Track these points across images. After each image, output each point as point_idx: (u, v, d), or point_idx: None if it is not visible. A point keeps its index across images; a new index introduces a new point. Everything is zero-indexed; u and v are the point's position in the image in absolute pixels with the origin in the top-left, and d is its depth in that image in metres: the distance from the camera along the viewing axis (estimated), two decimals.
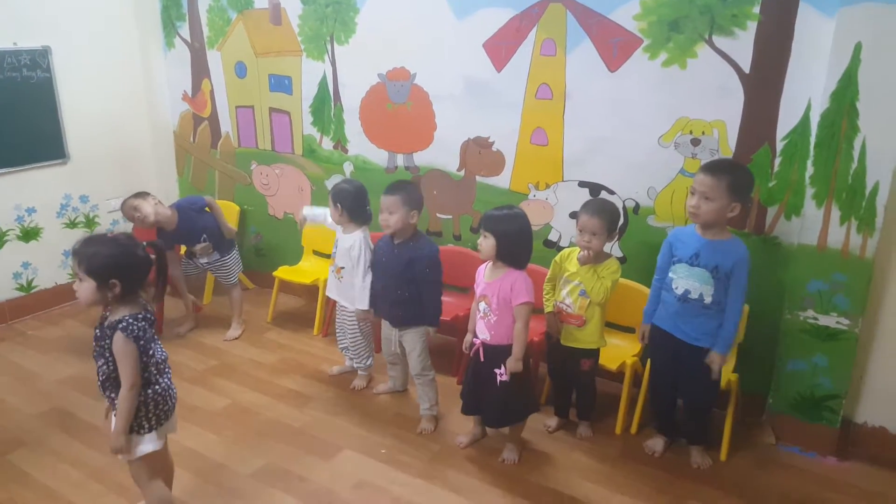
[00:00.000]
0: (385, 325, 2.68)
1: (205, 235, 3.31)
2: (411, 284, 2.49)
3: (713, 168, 2.18)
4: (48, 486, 2.27)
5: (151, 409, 1.81)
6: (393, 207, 2.46)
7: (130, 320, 1.73)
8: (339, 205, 2.71)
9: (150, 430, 1.82)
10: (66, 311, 3.77)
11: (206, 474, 2.33)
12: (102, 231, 3.72)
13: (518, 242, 2.24)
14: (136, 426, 1.80)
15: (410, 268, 2.47)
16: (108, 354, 1.75)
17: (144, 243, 1.85)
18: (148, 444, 1.82)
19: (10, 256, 3.62)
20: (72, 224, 3.86)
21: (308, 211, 3.02)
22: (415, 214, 2.49)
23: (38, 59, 3.56)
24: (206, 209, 3.38)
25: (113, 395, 1.79)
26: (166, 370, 1.90)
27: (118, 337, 1.71)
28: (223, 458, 2.42)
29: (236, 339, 3.42)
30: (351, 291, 2.76)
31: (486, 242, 2.23)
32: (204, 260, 3.37)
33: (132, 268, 1.76)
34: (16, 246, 3.64)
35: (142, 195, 3.24)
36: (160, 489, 1.92)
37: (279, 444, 2.51)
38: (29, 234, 3.69)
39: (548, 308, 2.50)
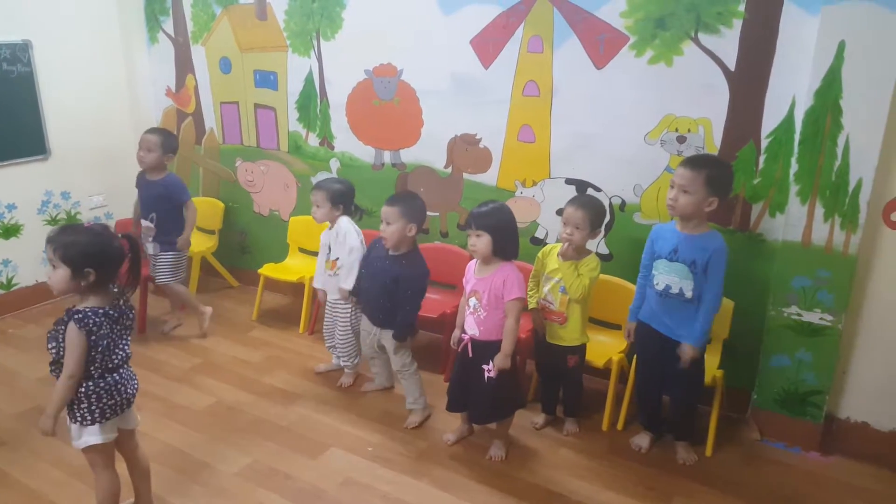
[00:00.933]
0: (365, 320, 2.67)
1: (153, 216, 3.19)
2: (395, 295, 2.49)
3: (693, 162, 2.22)
4: (29, 486, 2.23)
5: (94, 403, 1.80)
6: (391, 218, 2.45)
7: (89, 313, 1.74)
8: (341, 206, 2.78)
9: (92, 423, 1.81)
10: (47, 308, 3.71)
11: (192, 473, 2.31)
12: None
13: (510, 234, 2.25)
14: (79, 417, 1.81)
15: (395, 284, 2.47)
16: (60, 339, 1.76)
17: (120, 235, 1.85)
18: (91, 437, 1.83)
19: None
20: (53, 221, 3.80)
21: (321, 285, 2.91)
22: (413, 228, 2.46)
23: (19, 54, 3.49)
24: (182, 207, 3.22)
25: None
26: (122, 368, 1.87)
27: (71, 326, 1.73)
28: (209, 457, 2.39)
29: (204, 330, 3.36)
30: (337, 286, 2.78)
31: (481, 241, 2.22)
32: (149, 247, 3.24)
33: (107, 257, 1.77)
34: None
35: (165, 144, 3.14)
36: (108, 480, 1.91)
37: (265, 442, 2.49)
38: (9, 231, 3.62)
39: (531, 304, 2.50)
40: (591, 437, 2.54)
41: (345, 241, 2.75)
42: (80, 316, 1.73)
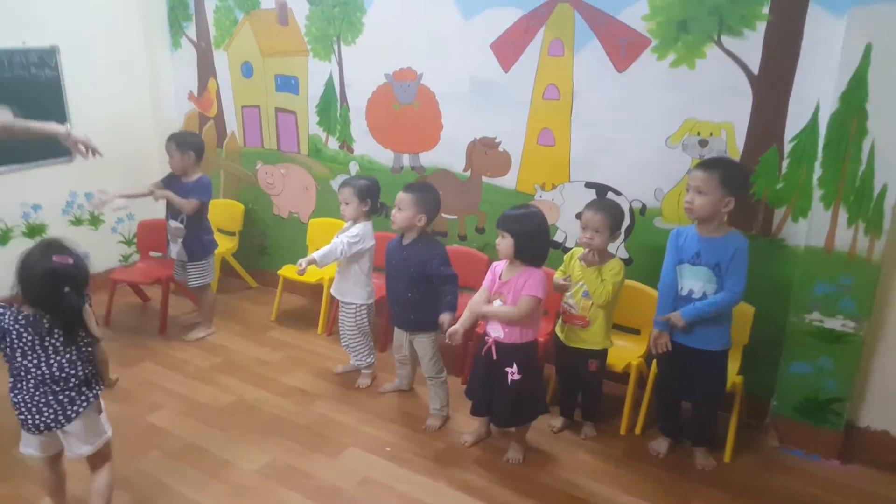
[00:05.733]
0: (397, 330, 2.69)
1: (183, 216, 3.21)
2: (421, 285, 2.50)
3: (706, 163, 2.24)
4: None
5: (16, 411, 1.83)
6: (403, 204, 2.50)
7: (8, 311, 1.78)
8: (369, 201, 2.79)
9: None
10: None
11: (213, 470, 2.34)
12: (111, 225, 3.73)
13: (535, 241, 2.25)
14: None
15: (422, 268, 2.48)
16: None
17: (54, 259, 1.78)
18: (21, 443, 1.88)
19: (15, 253, 3.56)
20: (77, 221, 3.88)
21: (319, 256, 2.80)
22: (423, 218, 2.49)
23: (46, 58, 3.57)
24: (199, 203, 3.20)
25: None
26: (18, 385, 1.82)
27: None
28: (229, 454, 2.42)
29: (200, 339, 3.38)
30: (343, 284, 2.82)
31: (504, 242, 2.23)
32: (175, 247, 3.27)
33: (24, 277, 1.79)
34: (21, 243, 3.64)
35: (180, 144, 3.17)
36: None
37: (285, 441, 2.52)
38: (34, 231, 3.70)
39: (556, 275, 2.51)
40: (609, 442, 2.54)
41: (351, 231, 2.76)
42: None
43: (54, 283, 1.73)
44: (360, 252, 2.78)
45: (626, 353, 2.62)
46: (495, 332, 2.29)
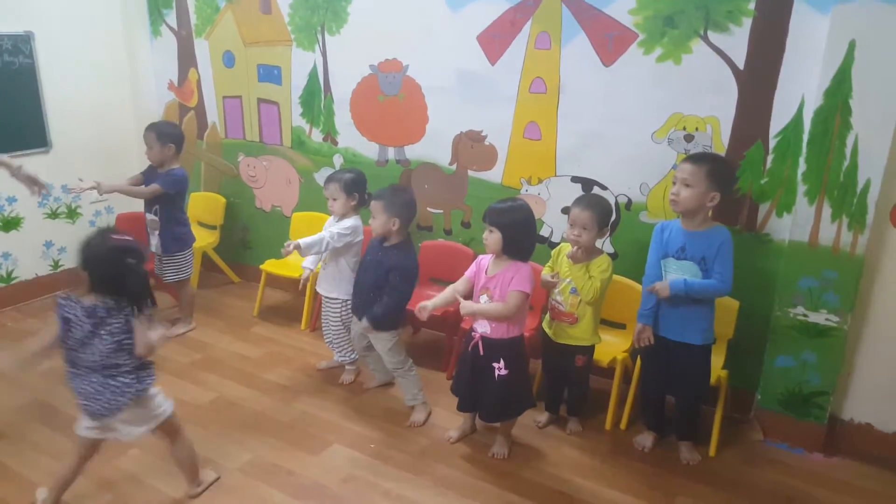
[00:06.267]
0: (354, 319, 2.66)
1: (157, 208, 3.16)
2: (384, 288, 2.49)
3: (694, 157, 2.26)
4: (29, 479, 2.22)
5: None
6: (375, 212, 2.50)
7: (72, 300, 1.88)
8: (356, 194, 2.75)
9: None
10: (48, 302, 3.68)
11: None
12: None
13: (523, 234, 2.23)
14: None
15: (387, 275, 2.48)
16: None
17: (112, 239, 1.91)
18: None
19: None
20: (53, 214, 3.78)
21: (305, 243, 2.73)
22: (396, 222, 2.47)
23: (21, 45, 3.46)
24: (169, 195, 3.12)
25: None
26: (75, 373, 1.92)
27: None
28: (210, 452, 2.37)
29: (180, 335, 3.31)
30: (327, 279, 2.79)
31: (492, 237, 2.21)
32: (154, 240, 3.22)
33: (92, 262, 1.89)
34: None
35: (161, 136, 3.10)
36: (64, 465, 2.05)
37: (267, 438, 2.48)
38: (9, 224, 3.59)
39: (544, 271, 2.50)
40: (595, 437, 2.53)
41: (343, 223, 2.73)
42: (63, 301, 1.87)
43: (120, 258, 1.88)
44: (349, 245, 2.74)
45: (611, 347, 2.61)
46: (482, 327, 2.27)
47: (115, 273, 1.86)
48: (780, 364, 2.46)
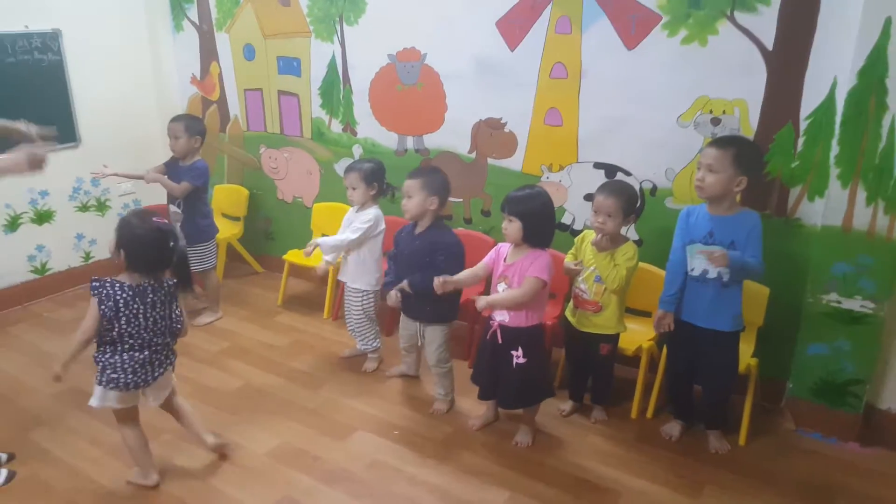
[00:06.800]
0: (405, 318, 2.64)
1: (180, 201, 3.21)
2: (436, 273, 2.41)
3: (719, 140, 2.20)
4: (68, 463, 2.29)
5: (100, 370, 2.00)
6: (411, 191, 2.44)
7: (107, 283, 1.94)
8: (375, 184, 2.74)
9: (99, 385, 2.01)
10: (80, 293, 3.79)
11: (223, 452, 2.33)
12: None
13: (542, 222, 2.21)
14: (96, 378, 2.02)
15: (434, 254, 2.42)
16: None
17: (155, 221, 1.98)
18: (95, 399, 2.03)
19: (24, 239, 3.64)
20: (84, 207, 3.87)
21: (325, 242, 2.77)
22: (434, 201, 2.44)
23: (49, 42, 3.54)
24: (195, 188, 3.17)
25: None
26: (127, 350, 1.99)
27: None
28: (239, 437, 2.42)
29: (207, 324, 3.37)
30: (351, 268, 2.79)
31: (512, 226, 2.19)
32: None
33: (133, 242, 1.97)
34: (30, 229, 3.65)
35: (189, 128, 3.17)
36: (129, 437, 2.12)
37: (293, 424, 2.51)
38: (42, 217, 3.70)
39: (567, 259, 2.48)
40: (620, 425, 2.51)
41: (363, 215, 2.73)
42: (97, 284, 1.94)
43: (164, 239, 1.96)
44: (372, 236, 2.74)
45: (636, 336, 2.58)
46: (500, 315, 2.26)
47: (160, 256, 1.95)
48: (812, 352, 2.40)
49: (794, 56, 2.30)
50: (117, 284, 1.94)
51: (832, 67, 2.23)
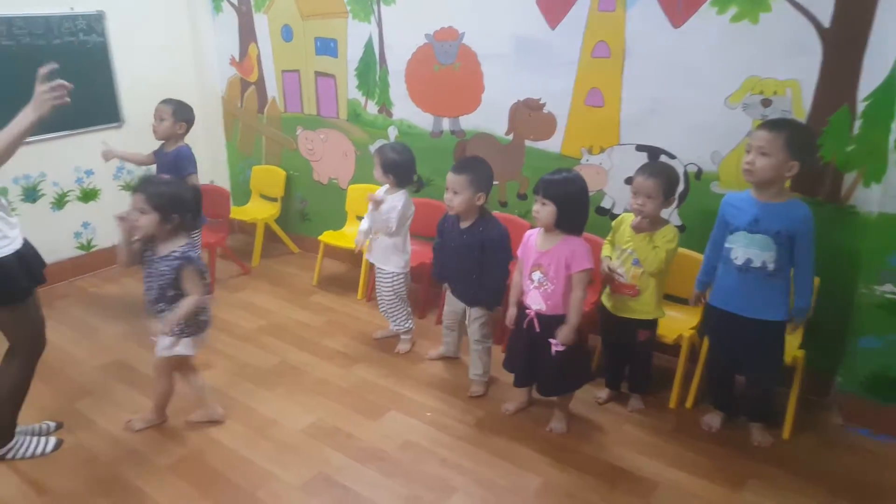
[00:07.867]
0: (451, 297, 2.64)
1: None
2: (485, 267, 2.43)
3: (772, 123, 2.09)
4: (112, 434, 2.37)
5: (186, 323, 2.17)
6: (458, 187, 2.38)
7: (188, 251, 2.14)
8: (390, 175, 2.72)
9: (187, 336, 2.21)
10: (123, 269, 3.91)
11: (260, 428, 2.39)
12: None
13: (578, 208, 2.16)
14: (178, 332, 2.17)
15: (482, 252, 2.41)
16: (163, 279, 2.14)
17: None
18: (185, 348, 2.22)
19: (71, 216, 3.77)
20: (127, 187, 3.96)
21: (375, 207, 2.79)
22: (482, 196, 2.40)
23: (94, 24, 3.61)
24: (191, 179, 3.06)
25: (163, 307, 2.17)
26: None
27: (186, 265, 2.12)
28: (275, 414, 2.47)
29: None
30: (380, 250, 2.79)
31: (545, 210, 2.14)
32: None
33: (187, 204, 2.16)
34: (76, 206, 3.77)
35: (177, 112, 3.10)
36: (197, 378, 2.38)
37: (328, 403, 2.55)
38: (88, 196, 3.81)
39: (604, 253, 2.44)
40: (658, 415, 2.46)
41: (393, 200, 2.73)
42: (189, 255, 2.13)
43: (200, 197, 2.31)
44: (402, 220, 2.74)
45: (677, 324, 2.51)
46: (536, 304, 2.23)
47: (199, 208, 2.24)
48: (864, 345, 2.30)
49: (853, 34, 2.17)
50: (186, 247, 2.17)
51: (893, 47, 2.10)
